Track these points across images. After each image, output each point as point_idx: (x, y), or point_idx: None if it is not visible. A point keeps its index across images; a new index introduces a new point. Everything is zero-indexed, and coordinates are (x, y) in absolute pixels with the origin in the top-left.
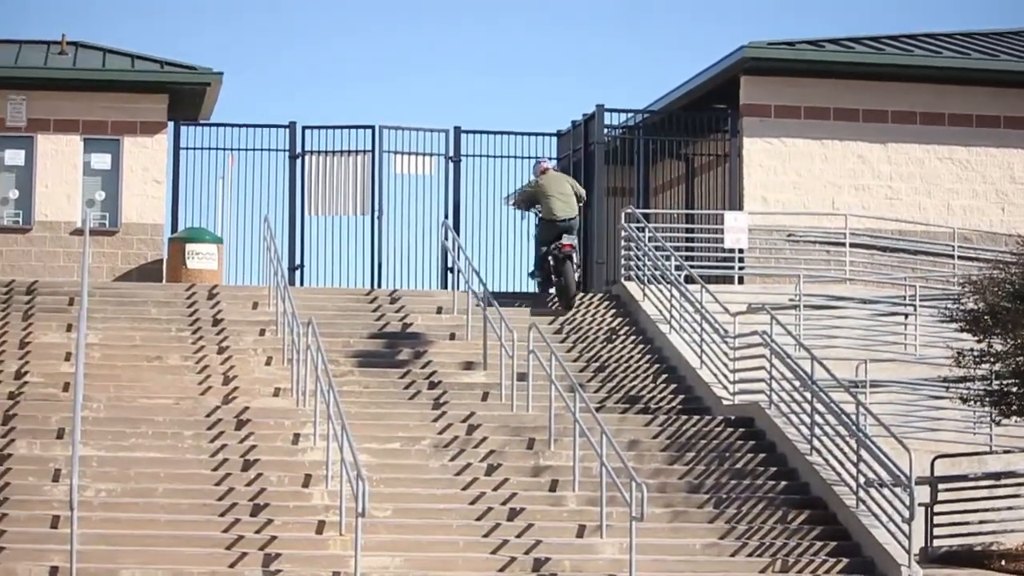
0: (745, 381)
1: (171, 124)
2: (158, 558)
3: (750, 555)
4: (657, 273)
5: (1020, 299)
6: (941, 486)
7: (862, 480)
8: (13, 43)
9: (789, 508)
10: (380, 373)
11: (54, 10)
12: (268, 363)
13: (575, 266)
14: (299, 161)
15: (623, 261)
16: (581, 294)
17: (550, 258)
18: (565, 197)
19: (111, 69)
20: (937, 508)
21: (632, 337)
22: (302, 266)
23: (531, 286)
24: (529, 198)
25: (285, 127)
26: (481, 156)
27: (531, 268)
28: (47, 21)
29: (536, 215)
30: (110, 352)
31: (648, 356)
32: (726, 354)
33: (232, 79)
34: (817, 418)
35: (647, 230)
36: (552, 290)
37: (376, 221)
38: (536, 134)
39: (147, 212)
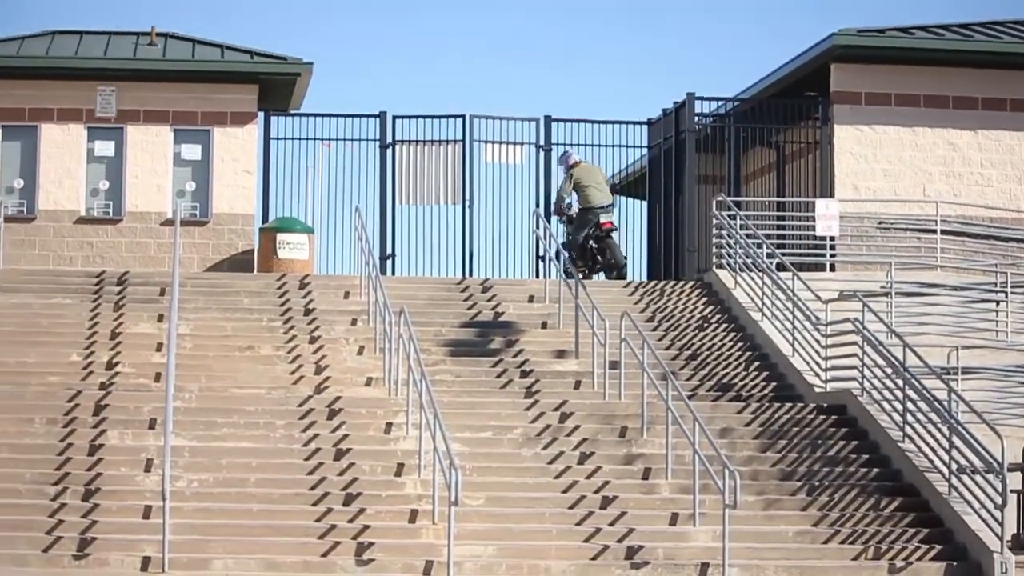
0: (837, 368)
1: (261, 114)
2: (250, 548)
3: (842, 542)
4: (748, 261)
5: None
6: None
7: (954, 467)
8: (103, 34)
9: (881, 495)
10: (472, 362)
11: (143, 1)
12: (360, 352)
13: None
14: (389, 151)
15: (714, 249)
16: (672, 281)
17: (591, 243)
18: (599, 185)
19: (201, 60)
20: None
21: (724, 325)
22: (393, 255)
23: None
24: (574, 190)
25: (375, 117)
26: (572, 145)
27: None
28: (136, 12)
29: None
30: (201, 342)
31: (740, 344)
32: (818, 341)
33: (322, 69)
34: (909, 405)
35: (738, 218)
36: (598, 276)
37: (467, 210)
38: (626, 122)
39: (238, 202)
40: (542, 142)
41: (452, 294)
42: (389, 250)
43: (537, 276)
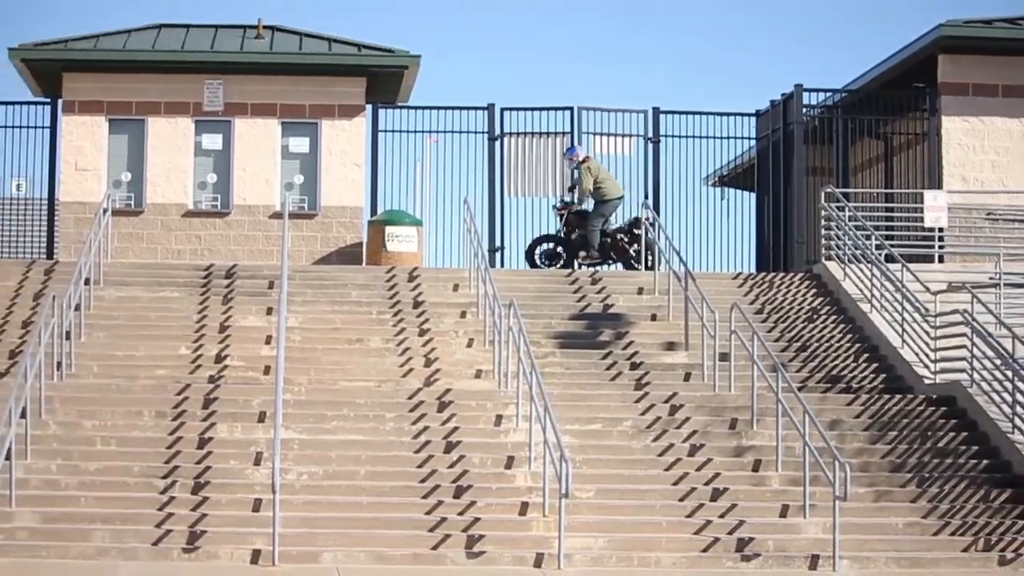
0: (946, 360)
1: (369, 107)
2: (360, 541)
3: (952, 534)
4: (857, 252)
5: None
6: None
7: None
8: (209, 27)
9: (991, 487)
10: (581, 354)
11: None
12: (469, 345)
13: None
14: (498, 143)
15: (823, 241)
16: (781, 273)
17: (621, 236)
18: (612, 179)
19: (308, 53)
20: None
21: (833, 316)
22: (502, 248)
23: (730, 265)
24: (591, 183)
25: (483, 109)
26: (680, 136)
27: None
28: (242, 5)
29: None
30: (310, 335)
31: (849, 335)
32: (927, 333)
33: (429, 61)
34: (1018, 396)
35: (847, 209)
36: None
37: (575, 202)
38: (734, 114)
39: (346, 195)
40: (650, 134)
41: (561, 286)
42: (498, 242)
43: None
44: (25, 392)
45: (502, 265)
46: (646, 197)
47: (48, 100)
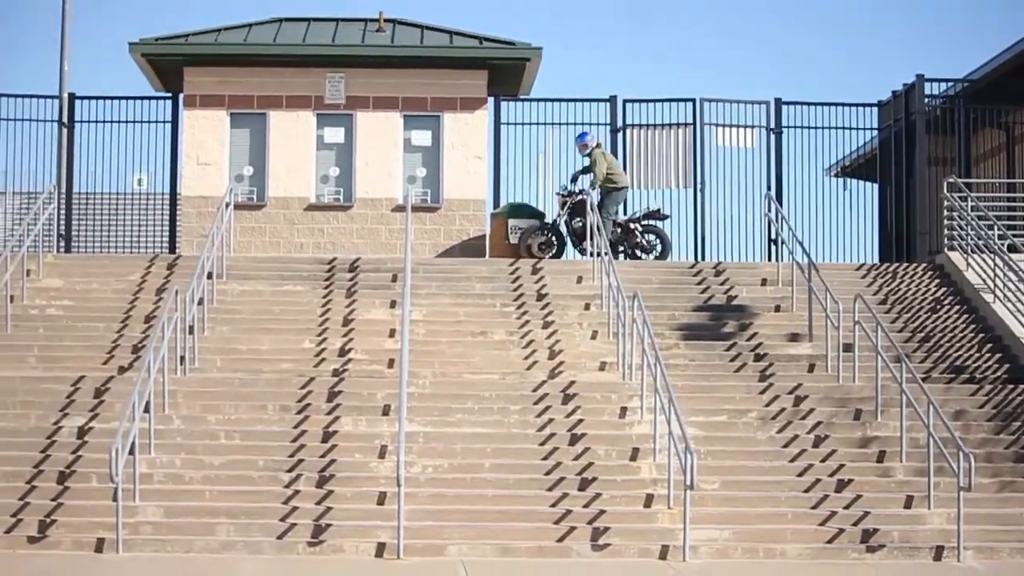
0: None
1: (491, 100)
2: (485, 534)
3: None
4: (980, 242)
5: None
6: None
7: None
8: (330, 21)
9: None
10: (705, 346)
11: None
12: (593, 337)
13: None
14: (620, 135)
15: (946, 231)
16: (904, 264)
17: (634, 226)
18: (621, 168)
19: (429, 46)
20: None
21: (956, 307)
22: None
23: (852, 256)
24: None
25: (606, 101)
26: (802, 127)
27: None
28: None
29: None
30: (434, 328)
31: (972, 326)
32: None
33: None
34: None
35: (969, 199)
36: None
37: (698, 193)
38: (856, 105)
39: (469, 188)
40: (772, 125)
41: (685, 278)
42: None
43: (770, 259)
44: (149, 387)
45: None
46: (768, 188)
47: (169, 95)
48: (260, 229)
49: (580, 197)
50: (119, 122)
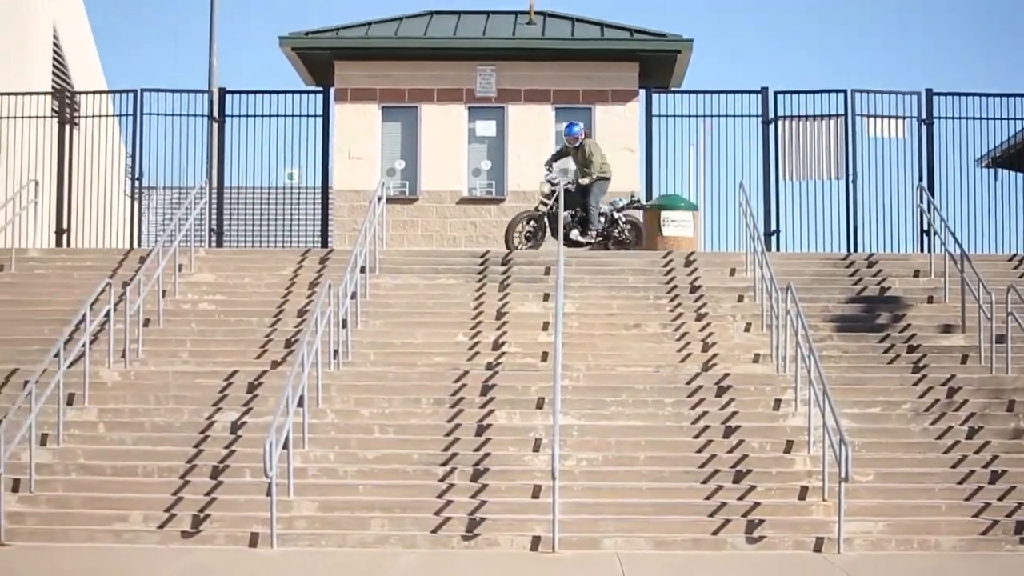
0: None
1: (642, 92)
2: (640, 527)
3: None
4: None
5: None
6: None
7: None
8: (481, 14)
9: None
10: (858, 337)
11: None
12: (747, 329)
13: None
14: (772, 126)
15: None
16: None
17: (619, 215)
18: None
19: (580, 38)
20: None
21: None
22: (778, 231)
23: (1005, 247)
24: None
25: (757, 93)
26: (953, 118)
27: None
28: None
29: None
30: (587, 321)
31: None
32: None
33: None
34: None
35: None
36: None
37: (850, 184)
38: (1008, 95)
39: (621, 180)
40: (924, 115)
41: (837, 269)
42: (774, 226)
43: (922, 250)
44: (302, 381)
45: (778, 248)
46: (920, 179)
47: (320, 89)
48: (412, 223)
49: (567, 186)
50: (269, 116)
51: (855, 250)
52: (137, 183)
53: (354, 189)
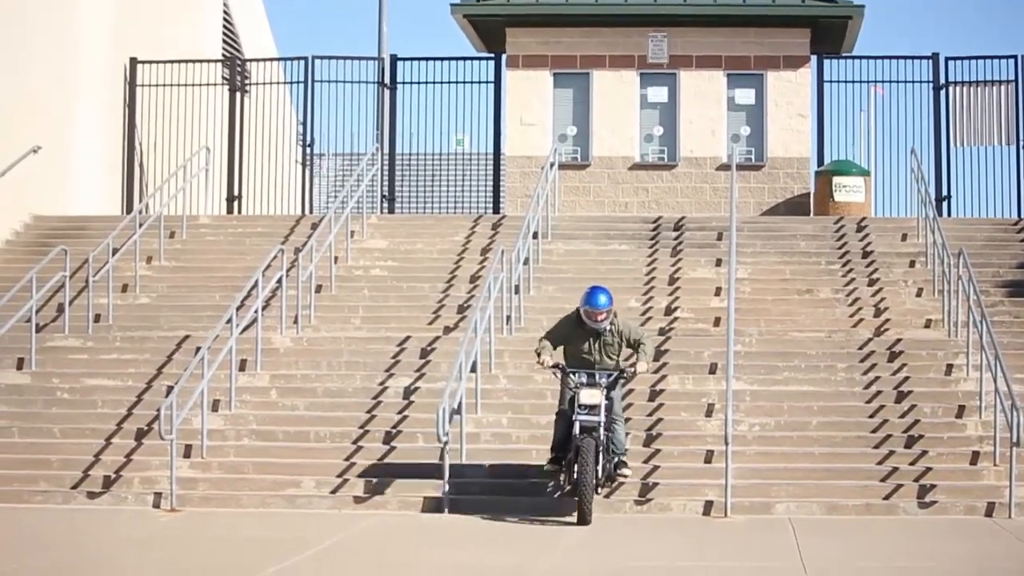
0: None
1: (814, 58)
2: (812, 491)
3: None
4: None
5: None
6: None
7: None
8: None
9: None
10: None
11: None
12: (918, 295)
13: None
14: (943, 92)
15: None
16: None
17: None
18: None
19: (752, 4)
20: None
21: None
22: (949, 197)
23: None
24: None
25: (928, 58)
26: None
27: None
28: None
29: None
30: (760, 286)
31: None
32: None
33: (871, 11)
34: None
35: None
36: None
37: (1021, 151)
38: None
39: (792, 146)
40: None
41: (1008, 235)
42: (945, 191)
43: None
44: (475, 346)
45: (949, 214)
46: None
47: (491, 56)
48: (584, 188)
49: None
50: (441, 83)
51: None
52: (308, 150)
53: (525, 155)
